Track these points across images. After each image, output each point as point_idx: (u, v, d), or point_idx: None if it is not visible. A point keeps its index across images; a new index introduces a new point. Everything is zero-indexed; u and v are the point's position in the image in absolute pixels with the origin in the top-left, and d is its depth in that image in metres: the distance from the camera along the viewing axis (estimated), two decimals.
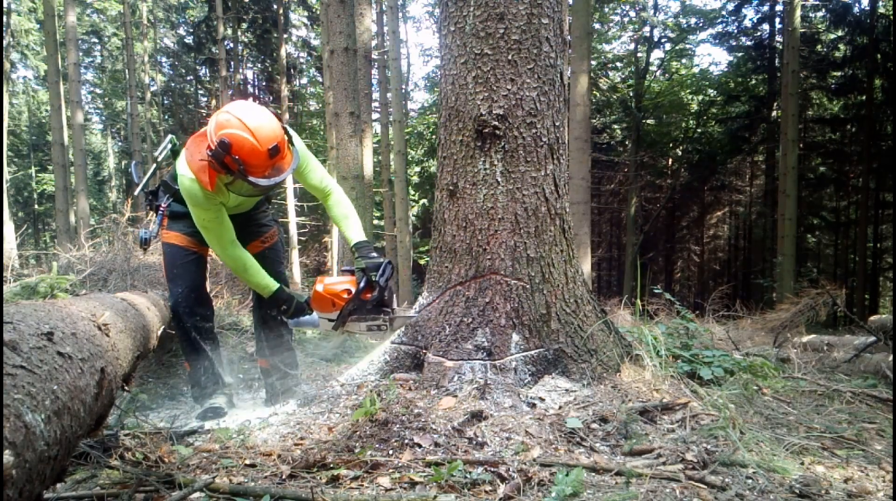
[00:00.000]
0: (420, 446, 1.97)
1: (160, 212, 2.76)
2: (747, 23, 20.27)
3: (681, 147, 23.58)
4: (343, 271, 2.65)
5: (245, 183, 2.28)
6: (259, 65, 23.86)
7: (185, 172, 2.43)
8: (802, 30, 15.33)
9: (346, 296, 2.50)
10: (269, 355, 3.01)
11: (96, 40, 27.28)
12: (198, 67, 25.09)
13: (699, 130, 22.61)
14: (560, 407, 2.39)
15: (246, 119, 2.21)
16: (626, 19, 21.67)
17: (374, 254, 2.59)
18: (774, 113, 18.70)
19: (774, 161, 18.55)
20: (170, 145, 2.78)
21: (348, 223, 2.68)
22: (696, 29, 20.76)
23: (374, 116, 16.68)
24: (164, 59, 26.45)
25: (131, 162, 2.85)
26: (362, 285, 2.51)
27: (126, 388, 1.98)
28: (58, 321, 1.28)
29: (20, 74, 25.21)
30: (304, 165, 2.63)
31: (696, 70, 23.03)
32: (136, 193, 2.96)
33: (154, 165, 2.89)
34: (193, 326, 2.79)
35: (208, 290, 3.01)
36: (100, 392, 1.32)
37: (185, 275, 2.77)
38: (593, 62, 17.79)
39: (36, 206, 28.10)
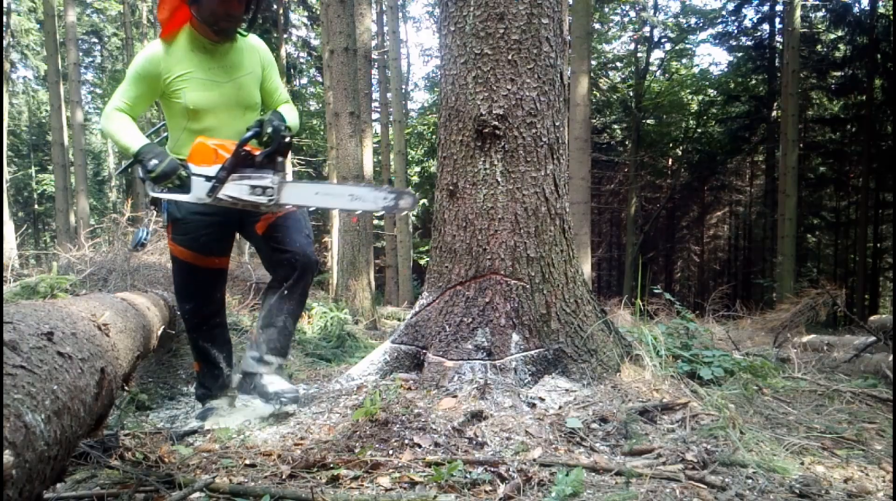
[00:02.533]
0: (420, 446, 1.97)
1: (163, 207, 2.48)
2: (747, 23, 20.31)
3: (681, 147, 23.59)
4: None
5: (206, 26, 2.28)
6: None
7: None
8: (802, 30, 15.34)
9: (232, 147, 2.23)
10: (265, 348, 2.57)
11: (96, 40, 27.29)
12: None
13: (699, 130, 22.62)
14: (560, 407, 2.39)
15: None
16: (626, 19, 21.70)
17: (281, 119, 2.37)
18: (774, 113, 18.70)
19: (774, 161, 18.56)
20: (166, 135, 2.60)
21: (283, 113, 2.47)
22: (696, 29, 20.78)
23: (374, 116, 16.69)
24: None
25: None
26: (251, 132, 2.23)
27: (126, 388, 1.98)
28: (58, 321, 1.28)
29: (20, 74, 25.24)
30: (269, 67, 2.55)
31: (696, 70, 23.06)
32: (116, 173, 2.83)
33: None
34: (202, 337, 2.64)
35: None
36: (100, 392, 1.32)
37: (193, 294, 2.57)
38: (593, 62, 17.79)
39: (36, 206, 28.10)
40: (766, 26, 20.02)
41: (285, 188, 2.28)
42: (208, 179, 2.21)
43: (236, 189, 2.21)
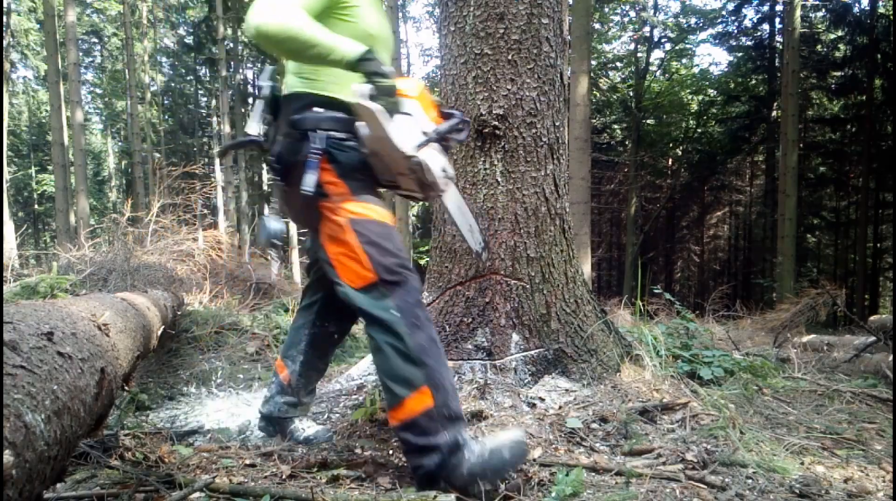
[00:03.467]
0: None
1: (311, 159, 1.73)
2: (747, 23, 20.32)
3: (681, 147, 23.60)
4: None
5: None
6: (259, 65, 23.86)
7: None
8: (802, 30, 15.34)
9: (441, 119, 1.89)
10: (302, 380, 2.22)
11: (96, 40, 27.28)
12: (198, 67, 25.11)
13: (699, 130, 22.63)
14: (560, 407, 2.39)
15: None
16: (626, 19, 21.69)
17: None
18: (774, 113, 18.71)
19: (774, 161, 18.56)
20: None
21: None
22: (696, 29, 20.79)
23: None
24: (164, 59, 26.48)
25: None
26: (459, 118, 1.87)
27: (126, 388, 1.98)
28: (58, 321, 1.28)
29: (20, 74, 25.25)
30: None
31: (696, 70, 23.07)
32: (247, 128, 1.90)
33: (260, 103, 1.93)
34: (428, 329, 1.75)
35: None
36: (100, 392, 1.32)
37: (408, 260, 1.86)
38: (593, 62, 17.80)
39: (36, 206, 28.11)
40: (766, 26, 20.03)
41: (451, 189, 2.00)
42: (423, 132, 1.79)
43: (433, 158, 1.78)
